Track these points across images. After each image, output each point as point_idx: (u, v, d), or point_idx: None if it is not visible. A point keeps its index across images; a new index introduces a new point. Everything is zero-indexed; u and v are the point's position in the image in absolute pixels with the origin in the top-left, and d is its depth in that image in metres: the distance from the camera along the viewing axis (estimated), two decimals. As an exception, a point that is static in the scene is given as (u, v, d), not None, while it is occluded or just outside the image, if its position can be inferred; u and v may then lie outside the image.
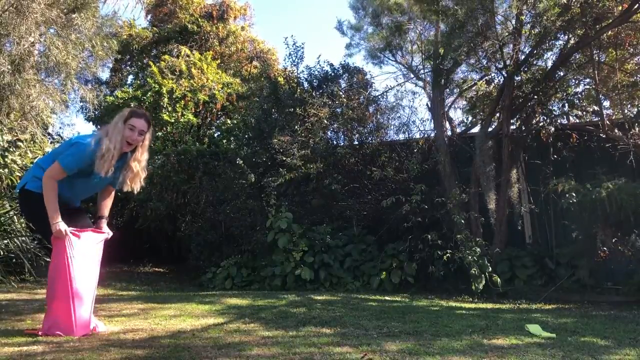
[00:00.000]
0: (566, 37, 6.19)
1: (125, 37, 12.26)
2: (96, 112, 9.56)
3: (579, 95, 6.50)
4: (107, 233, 2.94)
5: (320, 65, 8.09)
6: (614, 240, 5.23)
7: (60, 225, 2.59)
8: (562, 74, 6.29)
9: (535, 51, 6.28)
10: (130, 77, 13.73)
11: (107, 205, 3.01)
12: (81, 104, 11.25)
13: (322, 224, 6.52)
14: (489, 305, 4.63)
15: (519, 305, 4.74)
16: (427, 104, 7.44)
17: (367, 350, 2.30)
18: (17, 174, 6.56)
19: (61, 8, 6.22)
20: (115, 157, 2.69)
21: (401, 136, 7.44)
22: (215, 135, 9.83)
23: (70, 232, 2.65)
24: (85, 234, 2.76)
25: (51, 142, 8.02)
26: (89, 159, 2.63)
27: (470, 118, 8.00)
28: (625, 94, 6.29)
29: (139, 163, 2.84)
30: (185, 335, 2.68)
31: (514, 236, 6.24)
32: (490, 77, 7.05)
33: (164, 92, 8.99)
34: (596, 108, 6.15)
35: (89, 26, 6.51)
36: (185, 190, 8.29)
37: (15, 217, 5.89)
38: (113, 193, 3.05)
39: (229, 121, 10.07)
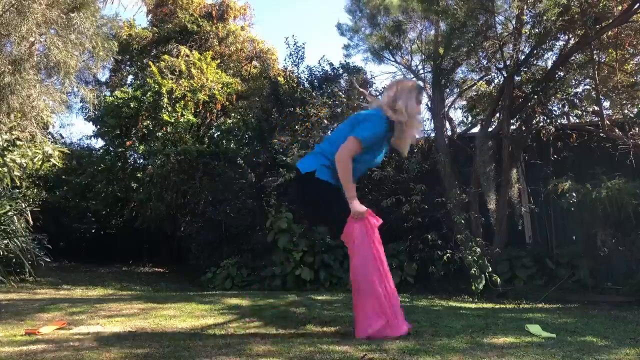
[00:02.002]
0: (566, 37, 6.19)
1: (125, 37, 12.26)
2: (96, 112, 9.56)
3: (579, 96, 6.50)
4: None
5: (321, 65, 8.10)
6: (614, 240, 5.22)
7: (361, 205, 2.54)
8: (562, 74, 6.29)
9: (535, 51, 6.28)
10: (130, 77, 13.72)
11: None
12: (81, 104, 11.26)
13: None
14: (489, 305, 4.62)
15: (519, 305, 4.74)
16: (427, 104, 7.44)
17: (367, 350, 2.30)
18: (16, 173, 6.56)
19: (61, 8, 6.22)
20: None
21: (401, 136, 7.42)
22: (215, 135, 9.84)
23: (369, 214, 2.56)
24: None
25: (51, 142, 8.02)
26: (383, 133, 2.62)
27: (470, 118, 8.01)
28: (625, 94, 6.29)
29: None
30: (185, 335, 2.68)
31: (514, 236, 6.24)
32: (490, 77, 7.05)
33: (164, 92, 8.99)
34: (596, 108, 6.15)
35: (88, 26, 6.51)
36: (185, 190, 8.29)
37: (15, 217, 5.88)
38: None
39: (229, 121, 10.08)
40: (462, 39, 6.35)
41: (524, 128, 6.43)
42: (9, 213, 5.86)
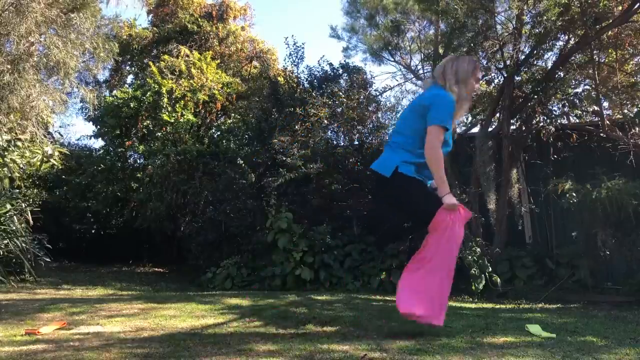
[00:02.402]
0: (566, 37, 6.19)
1: (125, 37, 12.26)
2: (96, 112, 9.56)
3: (579, 96, 6.51)
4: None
5: (320, 65, 8.10)
6: (614, 240, 5.22)
7: (453, 197, 2.51)
8: (562, 74, 6.29)
9: (535, 51, 6.28)
10: (130, 77, 13.74)
11: None
12: (81, 104, 11.27)
13: (322, 224, 6.52)
14: (489, 305, 4.63)
15: (519, 305, 4.74)
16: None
17: (367, 350, 2.30)
18: (17, 173, 6.55)
19: (61, 7, 6.22)
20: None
21: (402, 136, 7.42)
22: (215, 135, 9.85)
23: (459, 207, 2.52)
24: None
25: (51, 142, 8.01)
26: (453, 109, 2.59)
27: (470, 118, 8.00)
28: (625, 94, 6.29)
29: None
30: (185, 335, 2.68)
31: (514, 236, 6.24)
32: (490, 77, 7.05)
33: (164, 92, 8.99)
34: (596, 108, 6.15)
35: (88, 26, 6.51)
36: (185, 190, 8.29)
37: (15, 217, 5.88)
38: None
39: (229, 121, 10.08)
40: (462, 39, 6.35)
41: (524, 128, 6.43)
42: (9, 213, 5.85)
